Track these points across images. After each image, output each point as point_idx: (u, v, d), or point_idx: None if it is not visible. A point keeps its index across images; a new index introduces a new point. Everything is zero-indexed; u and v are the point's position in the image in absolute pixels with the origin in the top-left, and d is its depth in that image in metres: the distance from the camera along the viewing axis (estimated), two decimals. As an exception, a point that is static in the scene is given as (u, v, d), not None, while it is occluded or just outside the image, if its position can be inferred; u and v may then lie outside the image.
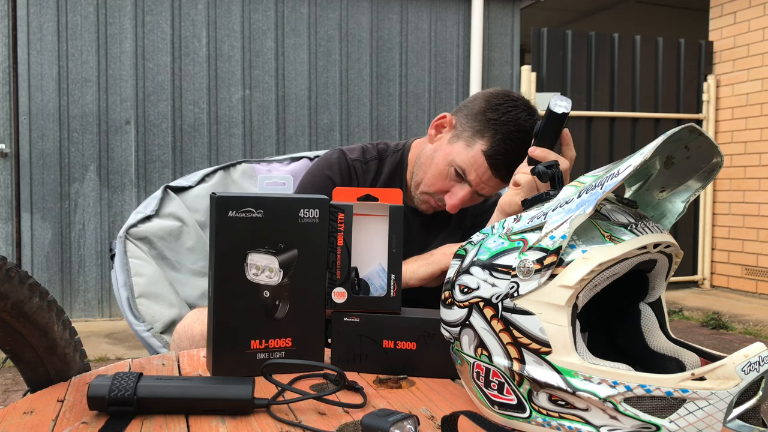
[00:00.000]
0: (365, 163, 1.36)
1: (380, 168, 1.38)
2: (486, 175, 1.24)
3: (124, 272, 1.42)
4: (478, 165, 1.23)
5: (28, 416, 0.74)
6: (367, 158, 1.37)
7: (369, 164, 1.37)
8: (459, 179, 1.26)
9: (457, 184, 1.27)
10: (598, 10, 7.15)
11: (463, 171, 1.25)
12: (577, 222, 0.64)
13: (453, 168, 1.26)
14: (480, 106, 1.25)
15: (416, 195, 1.33)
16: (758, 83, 5.02)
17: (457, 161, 1.25)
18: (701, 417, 0.59)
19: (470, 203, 1.31)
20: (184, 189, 1.59)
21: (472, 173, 1.24)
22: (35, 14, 3.93)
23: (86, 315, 4.11)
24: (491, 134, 1.22)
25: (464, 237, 1.41)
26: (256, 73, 4.34)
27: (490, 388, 0.71)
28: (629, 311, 0.76)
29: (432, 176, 1.29)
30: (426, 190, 1.30)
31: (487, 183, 1.25)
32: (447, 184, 1.27)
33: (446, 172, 1.27)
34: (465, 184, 1.26)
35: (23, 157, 3.94)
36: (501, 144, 1.21)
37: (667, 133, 0.64)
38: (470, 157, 1.24)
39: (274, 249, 0.86)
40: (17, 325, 0.80)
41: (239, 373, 0.84)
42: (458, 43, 4.78)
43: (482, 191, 1.27)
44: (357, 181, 1.35)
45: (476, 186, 1.25)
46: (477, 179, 1.24)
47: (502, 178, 1.25)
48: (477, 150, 1.23)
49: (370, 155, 1.38)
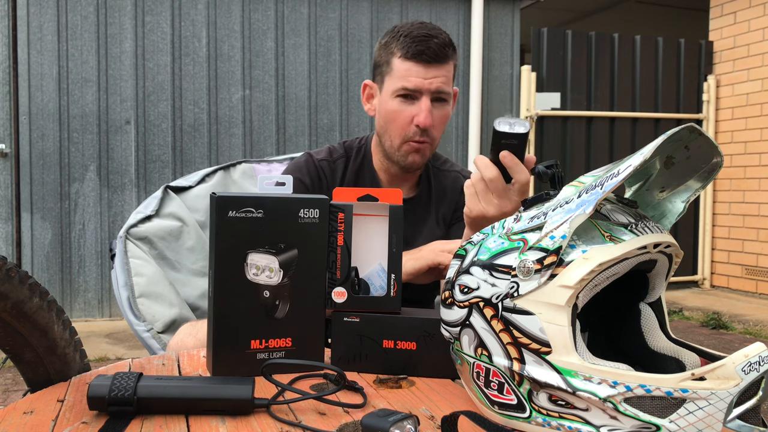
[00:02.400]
0: (333, 162, 1.38)
1: (347, 163, 1.39)
2: (420, 71, 1.24)
3: (124, 272, 1.42)
4: (405, 70, 1.24)
5: (28, 416, 0.74)
6: (334, 157, 1.39)
7: (336, 162, 1.39)
8: (410, 100, 1.27)
9: (412, 105, 1.27)
10: (598, 10, 7.15)
11: (404, 89, 1.25)
12: (577, 222, 0.64)
13: (396, 98, 1.27)
14: (377, 47, 1.32)
15: (400, 154, 1.31)
16: (758, 83, 5.02)
17: (394, 88, 1.26)
18: (701, 417, 0.59)
19: (440, 111, 1.28)
20: (184, 189, 1.59)
21: (409, 81, 1.24)
22: (35, 14, 3.94)
23: (86, 315, 4.11)
24: (395, 44, 1.26)
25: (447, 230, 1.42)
26: (256, 73, 4.34)
27: (490, 388, 0.71)
28: (629, 311, 0.76)
29: (392, 124, 1.29)
30: (400, 139, 1.30)
31: (429, 76, 1.24)
32: (406, 115, 1.27)
33: (397, 108, 1.27)
34: (416, 99, 1.26)
35: (23, 157, 3.95)
36: (407, 39, 1.24)
37: (667, 133, 0.63)
38: (397, 74, 1.25)
39: (274, 249, 0.86)
40: (17, 325, 0.80)
41: (239, 373, 0.84)
42: (458, 43, 4.78)
43: (436, 87, 1.25)
44: (326, 179, 1.37)
45: (424, 87, 1.24)
46: (418, 81, 1.24)
47: (439, 61, 1.24)
48: (396, 64, 1.26)
49: (337, 154, 1.40)
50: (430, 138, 1.29)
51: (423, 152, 1.31)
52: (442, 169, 1.46)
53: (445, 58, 1.25)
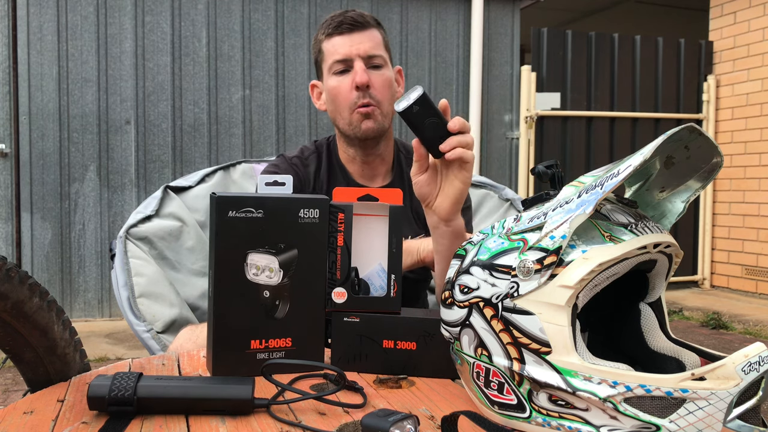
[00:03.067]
0: (305, 159, 1.41)
1: (320, 158, 1.42)
2: (345, 40, 1.30)
3: (124, 272, 1.42)
4: (332, 46, 1.31)
5: (28, 416, 0.74)
6: (306, 155, 1.42)
7: (308, 159, 1.41)
8: (346, 73, 1.31)
9: (349, 75, 1.31)
10: (598, 10, 7.15)
11: (335, 62, 1.30)
12: (577, 222, 0.64)
13: (333, 75, 1.32)
14: (313, 48, 1.40)
15: (353, 127, 1.32)
16: (758, 83, 5.02)
17: (328, 67, 1.33)
18: (701, 417, 0.59)
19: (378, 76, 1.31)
20: (184, 189, 1.59)
21: (338, 53, 1.30)
22: (35, 14, 3.93)
23: (86, 315, 4.11)
24: (320, 33, 1.35)
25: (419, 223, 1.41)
26: (256, 73, 4.34)
27: (490, 388, 0.71)
28: (629, 311, 0.76)
29: (337, 98, 1.33)
30: (348, 110, 1.32)
31: (355, 42, 1.30)
32: (345, 84, 1.31)
33: (336, 84, 1.31)
34: (351, 68, 1.31)
35: (23, 157, 3.94)
36: (327, 22, 1.33)
37: (667, 133, 0.63)
38: (327, 54, 1.33)
39: (274, 249, 0.86)
40: (17, 325, 0.80)
41: (239, 373, 0.84)
42: (458, 43, 4.78)
43: (365, 51, 1.30)
44: (299, 176, 1.38)
45: (352, 53, 1.29)
46: (345, 49, 1.30)
47: (359, 28, 1.30)
48: (325, 47, 1.33)
49: (308, 151, 1.43)
50: (375, 101, 1.30)
51: (374, 117, 1.31)
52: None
53: (366, 24, 1.31)
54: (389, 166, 1.42)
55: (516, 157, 4.95)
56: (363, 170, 1.39)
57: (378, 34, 1.33)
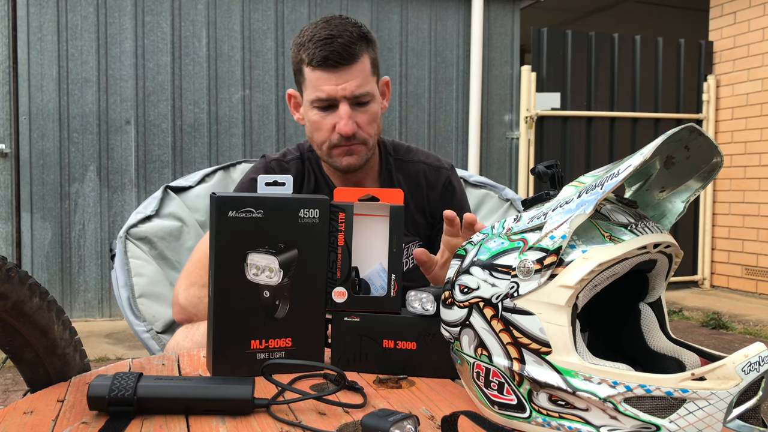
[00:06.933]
0: (285, 162, 1.36)
1: (302, 163, 1.37)
2: (330, 78, 1.19)
3: (124, 272, 1.42)
4: (315, 79, 1.21)
5: (28, 416, 0.74)
6: (287, 158, 1.37)
7: (289, 163, 1.36)
8: (329, 110, 1.23)
9: (333, 114, 1.23)
10: (598, 10, 7.15)
11: (318, 99, 1.22)
12: (577, 222, 0.64)
13: (315, 109, 1.23)
14: (291, 49, 1.27)
15: (333, 160, 1.27)
16: (758, 83, 5.02)
17: (310, 99, 1.23)
18: (701, 417, 0.59)
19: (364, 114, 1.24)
20: (184, 189, 1.59)
21: (322, 90, 1.20)
22: (35, 14, 3.93)
23: (86, 315, 4.11)
24: (303, 50, 1.21)
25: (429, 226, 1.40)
26: (256, 73, 4.34)
27: (490, 388, 0.71)
28: (629, 311, 0.76)
29: (317, 134, 1.26)
30: (327, 146, 1.26)
31: (341, 82, 1.20)
32: (327, 123, 1.23)
33: (318, 119, 1.23)
34: (334, 106, 1.23)
35: (23, 157, 3.94)
36: (311, 44, 1.19)
37: (667, 133, 0.64)
38: (310, 84, 1.22)
39: (274, 249, 0.86)
40: (17, 325, 0.80)
41: (239, 373, 0.83)
42: (458, 43, 4.78)
43: (350, 93, 1.21)
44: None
45: (338, 94, 1.20)
46: (330, 89, 1.20)
47: (346, 63, 1.19)
48: (307, 74, 1.22)
49: (291, 155, 1.37)
50: (359, 140, 1.24)
51: (357, 153, 1.26)
52: (406, 159, 1.40)
53: (353, 57, 1.19)
54: (376, 173, 1.38)
55: (516, 157, 4.95)
56: (344, 180, 1.35)
57: (367, 60, 1.23)
